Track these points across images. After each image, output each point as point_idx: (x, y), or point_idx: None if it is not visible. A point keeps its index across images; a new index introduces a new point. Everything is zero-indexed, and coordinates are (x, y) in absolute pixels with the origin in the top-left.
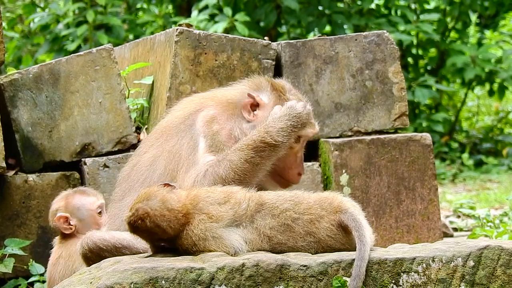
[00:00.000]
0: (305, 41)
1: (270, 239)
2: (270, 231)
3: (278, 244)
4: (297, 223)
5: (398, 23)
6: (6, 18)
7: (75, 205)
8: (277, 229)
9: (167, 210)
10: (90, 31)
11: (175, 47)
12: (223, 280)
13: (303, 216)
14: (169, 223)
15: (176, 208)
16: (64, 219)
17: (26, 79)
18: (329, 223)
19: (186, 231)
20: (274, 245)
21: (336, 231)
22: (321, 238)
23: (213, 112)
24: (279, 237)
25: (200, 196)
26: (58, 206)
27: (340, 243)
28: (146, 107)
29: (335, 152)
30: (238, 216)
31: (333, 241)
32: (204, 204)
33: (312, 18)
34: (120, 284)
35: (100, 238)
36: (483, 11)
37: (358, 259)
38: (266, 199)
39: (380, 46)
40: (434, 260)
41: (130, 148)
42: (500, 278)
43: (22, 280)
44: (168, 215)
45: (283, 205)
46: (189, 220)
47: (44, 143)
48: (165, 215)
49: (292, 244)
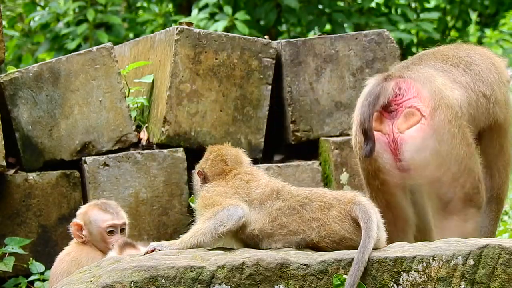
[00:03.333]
0: (305, 39)
1: (274, 219)
2: (276, 212)
3: (279, 225)
4: (305, 208)
5: (398, 21)
6: (6, 17)
7: (89, 218)
8: (283, 211)
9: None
10: (90, 29)
11: (175, 46)
12: (223, 279)
13: (313, 203)
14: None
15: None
16: (78, 227)
17: (26, 78)
18: (338, 211)
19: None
20: (276, 226)
21: (344, 219)
22: (327, 223)
23: None
24: (283, 218)
25: (241, 171)
26: (80, 212)
27: (346, 231)
28: (146, 106)
29: (335, 150)
30: (251, 198)
31: (338, 227)
32: (235, 176)
33: (312, 17)
34: (120, 283)
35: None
36: (483, 9)
37: (361, 247)
38: (284, 187)
39: (380, 45)
40: (434, 259)
41: (130, 146)
42: (500, 277)
43: (22, 279)
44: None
45: (298, 193)
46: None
47: (44, 141)
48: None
49: (294, 227)
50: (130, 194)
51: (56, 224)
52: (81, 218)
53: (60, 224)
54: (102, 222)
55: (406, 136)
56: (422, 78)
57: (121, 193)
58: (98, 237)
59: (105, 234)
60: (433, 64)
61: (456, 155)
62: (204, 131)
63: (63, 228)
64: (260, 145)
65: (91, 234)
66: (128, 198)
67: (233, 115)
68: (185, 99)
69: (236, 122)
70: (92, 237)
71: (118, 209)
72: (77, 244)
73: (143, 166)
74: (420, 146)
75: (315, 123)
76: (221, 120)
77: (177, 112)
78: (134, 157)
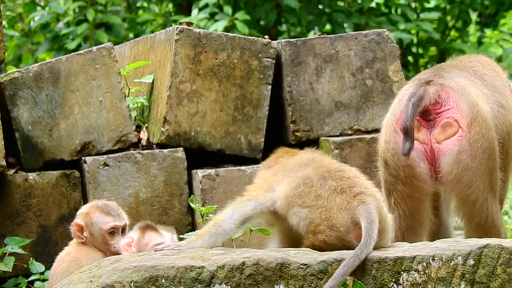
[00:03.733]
0: (305, 39)
1: (296, 186)
2: (299, 180)
3: (299, 194)
4: (321, 183)
5: (398, 21)
6: (6, 17)
7: (91, 219)
8: (304, 180)
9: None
10: (90, 29)
11: (175, 46)
12: (223, 279)
13: (329, 181)
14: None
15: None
16: (79, 227)
17: (26, 78)
18: (344, 200)
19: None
20: (296, 194)
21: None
22: (329, 207)
23: None
24: (302, 188)
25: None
26: (81, 212)
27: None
28: (146, 106)
29: (335, 150)
30: (286, 170)
31: (336, 215)
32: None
33: (312, 17)
34: (121, 283)
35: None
36: (483, 9)
37: (362, 245)
38: (319, 157)
39: (380, 44)
40: (434, 259)
41: (130, 146)
42: (500, 277)
43: (22, 279)
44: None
45: (328, 166)
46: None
47: (44, 141)
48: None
49: (307, 200)
50: (130, 194)
51: (56, 224)
52: (82, 219)
53: (60, 224)
54: (103, 224)
55: (443, 148)
56: (459, 88)
57: (121, 193)
58: (99, 238)
59: (107, 235)
60: (461, 74)
61: (484, 171)
62: (204, 131)
63: (63, 228)
64: (260, 145)
65: (92, 236)
66: (128, 198)
67: (233, 115)
68: (185, 99)
69: (236, 122)
70: (93, 238)
71: (120, 211)
72: (77, 244)
73: (143, 166)
74: (456, 159)
75: (315, 123)
76: (221, 120)
77: (177, 112)
78: (134, 157)
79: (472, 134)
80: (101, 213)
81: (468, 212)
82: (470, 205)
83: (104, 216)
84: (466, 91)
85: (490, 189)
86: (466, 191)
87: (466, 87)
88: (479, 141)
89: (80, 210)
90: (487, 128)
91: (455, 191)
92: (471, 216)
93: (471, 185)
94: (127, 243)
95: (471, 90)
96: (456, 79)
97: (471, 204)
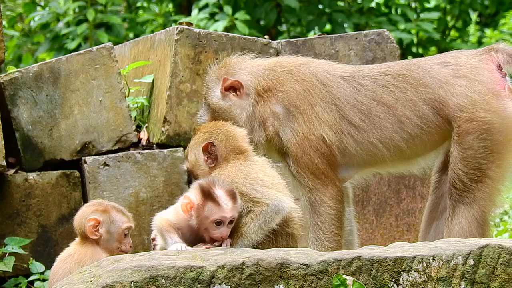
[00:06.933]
0: (305, 39)
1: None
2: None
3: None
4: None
5: (399, 21)
6: (6, 17)
7: (110, 217)
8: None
9: None
10: (90, 29)
11: (175, 46)
12: (223, 279)
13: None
14: None
15: None
16: (97, 223)
17: (26, 78)
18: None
19: None
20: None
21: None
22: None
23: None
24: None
25: None
26: (95, 209)
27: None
28: (146, 106)
29: None
30: None
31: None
32: None
33: (312, 17)
34: (121, 283)
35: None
36: (483, 9)
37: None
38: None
39: (380, 44)
40: (434, 259)
41: (130, 146)
42: (500, 277)
43: (22, 279)
44: None
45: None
46: None
47: (44, 141)
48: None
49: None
50: (130, 194)
51: (56, 224)
52: (99, 215)
53: (60, 224)
54: (122, 223)
55: None
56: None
57: (121, 193)
58: (115, 236)
59: (123, 235)
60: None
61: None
62: None
63: (63, 228)
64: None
65: (109, 233)
66: (128, 198)
67: None
68: (185, 99)
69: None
70: (109, 236)
71: (128, 213)
72: (80, 244)
73: (143, 166)
74: None
75: None
76: None
77: (177, 112)
78: (134, 157)
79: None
80: (117, 212)
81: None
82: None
83: (121, 216)
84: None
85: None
86: None
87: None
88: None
89: (92, 208)
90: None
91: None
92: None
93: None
94: (187, 204)
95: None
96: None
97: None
